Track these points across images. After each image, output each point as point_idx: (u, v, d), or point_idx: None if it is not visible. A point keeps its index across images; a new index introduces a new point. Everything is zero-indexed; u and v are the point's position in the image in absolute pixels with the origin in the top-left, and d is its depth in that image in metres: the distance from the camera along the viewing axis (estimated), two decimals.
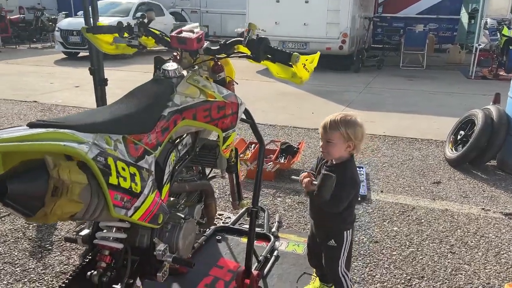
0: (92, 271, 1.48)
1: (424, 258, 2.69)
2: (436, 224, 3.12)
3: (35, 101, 6.78)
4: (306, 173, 1.98)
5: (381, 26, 14.68)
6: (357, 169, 3.89)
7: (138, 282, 1.55)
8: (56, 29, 12.47)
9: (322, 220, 2.03)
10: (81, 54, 11.93)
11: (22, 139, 1.03)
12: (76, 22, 11.57)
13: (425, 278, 2.49)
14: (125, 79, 8.63)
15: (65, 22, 12.38)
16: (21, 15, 16.69)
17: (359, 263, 2.63)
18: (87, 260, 1.52)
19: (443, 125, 5.55)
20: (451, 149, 4.46)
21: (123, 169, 1.28)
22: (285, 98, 7.34)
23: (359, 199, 3.45)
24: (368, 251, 2.75)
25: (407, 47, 11.56)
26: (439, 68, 11.64)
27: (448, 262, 2.65)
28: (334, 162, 1.93)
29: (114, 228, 1.52)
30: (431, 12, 14.84)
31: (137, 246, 1.60)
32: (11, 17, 15.62)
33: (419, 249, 2.79)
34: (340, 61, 10.74)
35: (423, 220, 3.18)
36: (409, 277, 2.50)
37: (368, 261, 2.65)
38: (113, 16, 12.21)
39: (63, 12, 16.53)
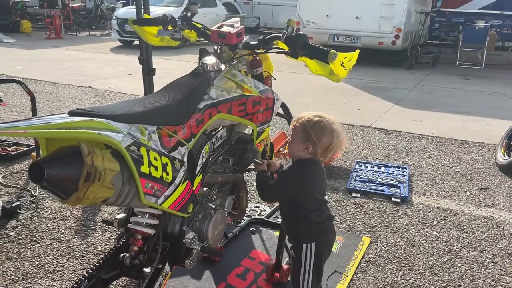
0: (125, 253, 1.55)
1: (462, 266, 2.59)
2: (479, 232, 2.99)
3: (90, 87, 7.13)
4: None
5: (438, 21, 14.05)
6: (401, 170, 3.87)
7: (167, 267, 1.61)
8: (114, 17, 13.00)
9: (284, 221, 1.95)
10: (136, 42, 12.36)
11: (61, 126, 1.11)
12: (132, 11, 11.93)
13: (462, 287, 2.41)
14: (175, 68, 8.86)
15: (121, 11, 12.88)
16: (83, 3, 17.52)
17: (393, 265, 2.58)
18: (121, 242, 1.59)
19: (497, 128, 5.27)
20: (503, 154, 4.23)
21: (155, 158, 1.33)
22: (331, 93, 7.24)
23: (400, 200, 3.37)
24: (404, 255, 2.69)
25: (465, 44, 11.01)
26: (499, 67, 11.01)
27: (489, 273, 2.54)
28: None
29: (147, 214, 1.59)
30: (495, 7, 14.00)
31: (168, 233, 1.66)
32: (73, 5, 16.44)
33: (458, 257, 2.69)
34: (392, 56, 10.45)
35: (465, 227, 3.05)
36: (444, 284, 2.42)
37: (402, 264, 2.59)
38: (167, 6, 12.56)
39: (121, 1, 17.17)
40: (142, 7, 3.62)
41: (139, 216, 1.60)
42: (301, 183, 1.76)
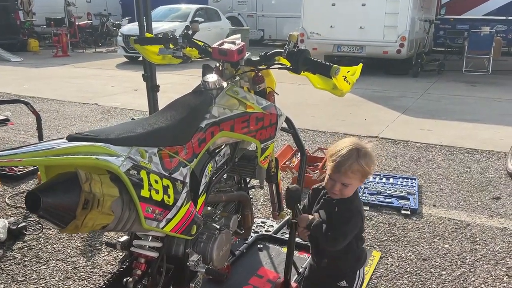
0: (128, 277, 1.52)
1: (476, 280, 2.52)
2: (493, 244, 2.92)
3: (96, 104, 7.17)
4: (303, 217, 1.74)
5: (443, 28, 14.02)
6: (410, 181, 3.81)
7: None
8: (119, 34, 13.13)
9: (332, 260, 1.78)
10: (141, 58, 12.44)
11: (58, 153, 1.08)
12: (137, 28, 12.14)
13: None
14: (181, 83, 8.90)
15: (126, 28, 13.00)
16: (89, 21, 17.73)
17: (405, 281, 2.51)
18: (124, 266, 1.56)
19: (507, 136, 5.21)
20: None
21: (156, 181, 1.30)
22: (337, 103, 7.20)
23: (409, 213, 3.31)
24: (415, 269, 2.63)
25: (471, 50, 10.94)
26: (507, 73, 10.91)
27: (504, 286, 2.47)
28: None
29: (150, 237, 1.56)
30: (499, 13, 13.97)
31: (172, 255, 1.63)
32: (79, 23, 16.65)
33: (472, 270, 2.62)
34: (397, 65, 10.41)
35: (478, 239, 2.98)
36: None
37: (414, 279, 2.53)
38: (172, 21, 12.68)
39: (127, 18, 17.36)
40: (145, 24, 3.63)
41: (142, 238, 1.57)
42: (362, 208, 1.75)
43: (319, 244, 1.75)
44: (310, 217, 1.73)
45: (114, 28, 17.06)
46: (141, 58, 13.17)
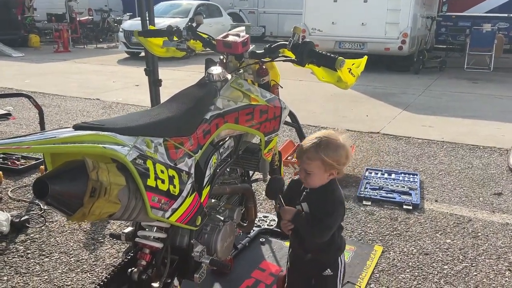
0: (133, 268, 1.53)
1: (478, 275, 2.53)
2: (494, 239, 2.92)
3: (97, 99, 7.16)
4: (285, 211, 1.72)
5: (445, 25, 13.98)
6: (411, 176, 3.81)
7: (176, 282, 1.58)
8: (120, 29, 13.11)
9: (316, 252, 1.78)
10: (142, 54, 12.43)
11: (65, 141, 1.09)
12: (139, 23, 12.08)
13: None
14: (182, 78, 8.89)
15: (128, 23, 12.98)
16: (90, 17, 17.70)
17: (407, 275, 2.52)
18: (128, 257, 1.57)
19: (508, 132, 5.20)
20: None
21: (162, 171, 1.31)
22: (338, 99, 7.20)
23: (411, 208, 3.32)
24: (417, 263, 2.63)
25: (472, 47, 10.92)
26: (508, 70, 10.90)
27: (506, 281, 2.47)
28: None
29: (155, 228, 1.56)
30: (501, 10, 13.92)
31: (176, 246, 1.63)
32: (80, 19, 16.63)
33: (474, 265, 2.62)
34: (399, 62, 10.40)
35: (479, 234, 2.99)
36: None
37: (416, 273, 2.53)
38: (173, 17, 12.65)
39: (128, 14, 17.34)
40: (147, 19, 3.63)
41: (147, 229, 1.58)
42: (343, 198, 1.74)
43: (304, 236, 1.75)
44: (294, 209, 1.71)
45: (115, 24, 17.03)
46: (142, 54, 13.18)
